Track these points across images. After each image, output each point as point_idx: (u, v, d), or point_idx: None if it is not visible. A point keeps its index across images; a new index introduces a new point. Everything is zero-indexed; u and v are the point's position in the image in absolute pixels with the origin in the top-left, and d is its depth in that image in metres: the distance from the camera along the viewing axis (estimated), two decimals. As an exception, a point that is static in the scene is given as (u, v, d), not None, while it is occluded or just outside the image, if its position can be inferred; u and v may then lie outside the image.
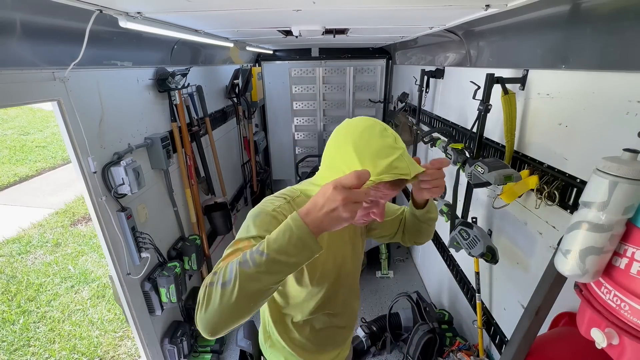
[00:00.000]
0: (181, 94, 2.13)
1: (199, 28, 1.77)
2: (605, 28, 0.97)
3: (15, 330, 2.70)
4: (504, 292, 1.62)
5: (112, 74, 1.56)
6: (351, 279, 1.01)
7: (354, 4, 1.21)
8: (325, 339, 1.03)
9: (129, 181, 1.51)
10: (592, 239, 0.64)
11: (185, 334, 2.05)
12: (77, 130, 1.33)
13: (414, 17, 1.53)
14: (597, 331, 0.68)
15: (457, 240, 1.56)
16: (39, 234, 4.13)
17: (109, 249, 1.52)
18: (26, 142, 7.40)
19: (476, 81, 1.54)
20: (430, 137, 2.20)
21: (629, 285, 0.62)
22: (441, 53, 2.38)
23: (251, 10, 1.28)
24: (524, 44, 1.40)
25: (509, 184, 1.25)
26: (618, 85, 0.94)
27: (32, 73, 1.14)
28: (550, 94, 1.23)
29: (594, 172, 0.65)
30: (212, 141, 2.67)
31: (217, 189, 2.73)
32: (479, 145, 1.58)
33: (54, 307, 2.95)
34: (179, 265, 1.89)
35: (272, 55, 4.03)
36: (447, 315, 2.17)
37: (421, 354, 1.93)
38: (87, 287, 3.20)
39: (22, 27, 1.05)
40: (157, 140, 1.80)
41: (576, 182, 1.09)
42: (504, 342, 1.58)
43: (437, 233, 2.52)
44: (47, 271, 3.44)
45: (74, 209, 4.81)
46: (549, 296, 0.86)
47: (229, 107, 3.23)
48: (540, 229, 1.30)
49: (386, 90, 4.14)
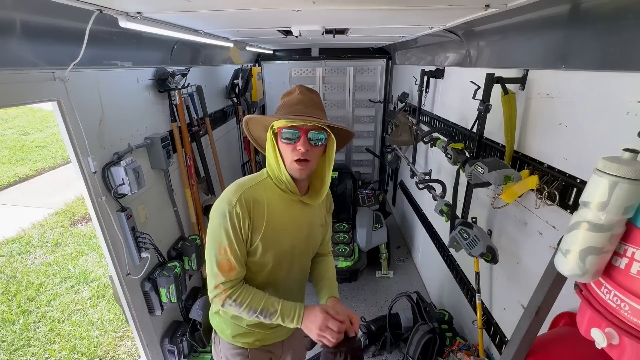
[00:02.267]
0: (181, 94, 2.13)
1: (199, 28, 1.77)
2: (605, 28, 0.97)
3: (15, 330, 2.70)
4: (504, 292, 1.62)
5: (112, 74, 1.56)
6: (304, 259, 1.13)
7: (354, 4, 1.21)
8: None
9: (129, 181, 1.51)
10: (592, 239, 0.64)
11: (185, 333, 2.05)
12: (77, 130, 1.33)
13: (414, 17, 1.53)
14: (597, 331, 0.68)
15: (457, 240, 1.56)
16: (39, 234, 4.13)
17: (109, 249, 1.52)
18: (26, 142, 7.41)
19: (476, 81, 1.54)
20: (430, 137, 2.20)
21: (629, 285, 0.62)
22: (441, 53, 2.38)
23: (251, 10, 1.28)
24: (524, 44, 1.40)
25: (509, 184, 1.25)
26: (618, 85, 0.94)
27: (32, 73, 1.14)
28: (550, 94, 1.23)
29: (594, 172, 0.65)
30: (212, 141, 2.67)
31: (217, 189, 2.73)
32: (479, 145, 1.58)
33: (54, 307, 2.95)
34: (179, 265, 1.89)
35: (272, 55, 4.03)
36: (447, 315, 2.17)
37: (421, 354, 1.93)
38: (87, 287, 3.20)
39: (22, 27, 1.05)
40: (157, 140, 1.80)
41: (576, 182, 1.09)
42: (504, 342, 1.58)
43: (437, 233, 2.52)
44: (47, 271, 3.44)
45: (74, 209, 4.81)
46: (549, 296, 0.86)
47: (229, 107, 3.23)
48: (540, 229, 1.30)
49: (386, 90, 4.14)
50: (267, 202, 0.97)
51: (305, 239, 1.08)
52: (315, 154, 0.97)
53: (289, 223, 1.02)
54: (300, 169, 0.95)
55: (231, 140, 3.33)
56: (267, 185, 1.00)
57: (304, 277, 1.18)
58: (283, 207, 1.00)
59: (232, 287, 0.96)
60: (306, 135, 0.93)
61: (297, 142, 0.93)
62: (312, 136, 0.94)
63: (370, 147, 4.36)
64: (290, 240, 1.03)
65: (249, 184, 0.97)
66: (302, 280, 1.18)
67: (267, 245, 0.98)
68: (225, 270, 0.94)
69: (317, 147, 0.96)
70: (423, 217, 2.88)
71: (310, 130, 0.93)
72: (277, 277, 1.05)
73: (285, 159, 0.96)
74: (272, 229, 0.97)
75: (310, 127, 0.93)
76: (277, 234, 0.99)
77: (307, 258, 1.15)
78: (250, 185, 0.97)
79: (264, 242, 0.97)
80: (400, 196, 3.79)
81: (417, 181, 2.31)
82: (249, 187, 0.96)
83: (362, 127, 4.38)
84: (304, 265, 1.14)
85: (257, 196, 0.96)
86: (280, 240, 1.00)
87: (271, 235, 0.98)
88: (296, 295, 1.16)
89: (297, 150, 0.93)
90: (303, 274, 1.16)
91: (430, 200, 2.32)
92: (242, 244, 0.96)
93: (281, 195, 1.00)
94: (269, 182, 1.01)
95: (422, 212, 2.90)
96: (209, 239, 0.96)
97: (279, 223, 0.99)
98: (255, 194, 0.96)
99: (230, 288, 0.95)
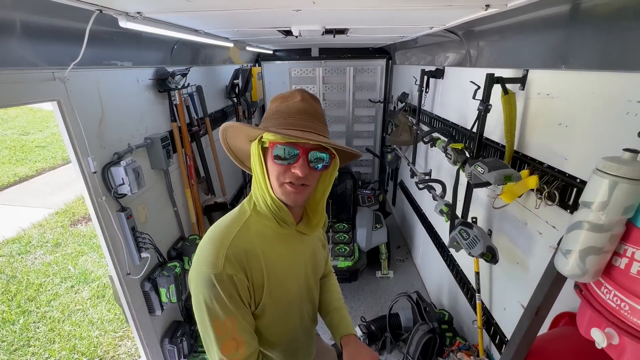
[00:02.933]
0: (181, 94, 2.13)
1: (199, 28, 1.77)
2: (605, 28, 0.97)
3: (15, 330, 2.70)
4: (504, 292, 1.62)
5: (112, 74, 1.56)
6: (313, 293, 0.98)
7: (354, 4, 1.21)
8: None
9: (129, 181, 1.51)
10: (592, 239, 0.64)
11: (185, 333, 2.05)
12: (77, 130, 1.33)
13: (414, 17, 1.53)
14: (597, 331, 0.68)
15: (457, 240, 1.55)
16: (39, 234, 4.13)
17: (109, 249, 1.52)
18: (26, 142, 7.40)
19: (476, 81, 1.54)
20: (430, 137, 2.20)
21: (629, 285, 0.62)
22: (441, 53, 2.38)
23: (251, 10, 1.28)
24: (524, 44, 1.40)
25: (509, 184, 1.25)
26: (618, 85, 0.94)
27: (32, 73, 1.14)
28: (550, 94, 1.23)
29: (594, 172, 0.65)
30: (212, 141, 2.67)
31: (217, 189, 2.73)
32: (479, 145, 1.58)
33: (54, 307, 2.95)
34: (179, 265, 1.89)
35: (272, 55, 4.03)
36: (447, 315, 2.17)
37: (421, 354, 1.93)
38: (87, 287, 3.20)
39: (22, 27, 1.05)
40: (157, 140, 1.80)
41: (576, 182, 1.08)
42: (504, 342, 1.58)
43: (437, 233, 2.52)
44: (47, 271, 3.43)
45: (74, 209, 4.81)
46: (549, 296, 0.86)
47: (229, 107, 3.23)
48: (540, 229, 1.30)
49: (386, 90, 4.14)
50: (261, 250, 0.77)
51: (312, 272, 0.94)
52: (314, 178, 0.78)
53: (291, 264, 0.84)
54: (295, 193, 0.75)
55: (231, 140, 3.33)
56: (253, 225, 0.79)
57: (315, 310, 1.03)
58: (280, 248, 0.81)
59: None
60: (306, 156, 0.74)
61: (294, 163, 0.73)
62: (313, 157, 0.75)
63: (370, 147, 4.37)
64: (297, 282, 0.87)
65: (232, 233, 0.75)
66: (314, 313, 1.03)
67: (275, 300, 0.80)
68: (232, 352, 0.73)
69: (317, 172, 0.77)
70: (423, 217, 2.88)
71: (312, 150, 0.74)
72: (289, 325, 0.90)
73: (272, 181, 0.76)
74: (275, 281, 0.79)
75: (313, 146, 0.74)
76: (281, 284, 0.81)
77: (316, 291, 1.01)
78: (234, 233, 0.75)
79: (270, 298, 0.79)
80: (400, 196, 3.79)
81: (417, 181, 2.31)
82: (233, 236, 0.74)
83: (362, 127, 4.38)
84: (313, 298, 0.99)
85: (247, 247, 0.75)
86: (288, 288, 0.83)
87: (276, 288, 0.79)
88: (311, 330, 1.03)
89: (292, 173, 0.73)
90: (314, 307, 1.02)
91: (430, 200, 2.32)
92: (247, 311, 0.77)
93: (275, 232, 0.81)
94: (254, 221, 0.79)
95: (422, 212, 2.90)
96: (199, 320, 0.74)
97: (282, 270, 0.81)
98: (244, 244, 0.75)
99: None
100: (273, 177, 0.76)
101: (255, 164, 0.77)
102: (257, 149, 0.76)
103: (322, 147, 0.76)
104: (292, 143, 0.73)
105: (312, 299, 0.98)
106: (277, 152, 0.73)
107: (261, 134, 0.76)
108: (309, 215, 0.89)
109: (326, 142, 0.74)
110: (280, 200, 0.77)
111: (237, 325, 0.73)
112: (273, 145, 0.73)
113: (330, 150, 0.78)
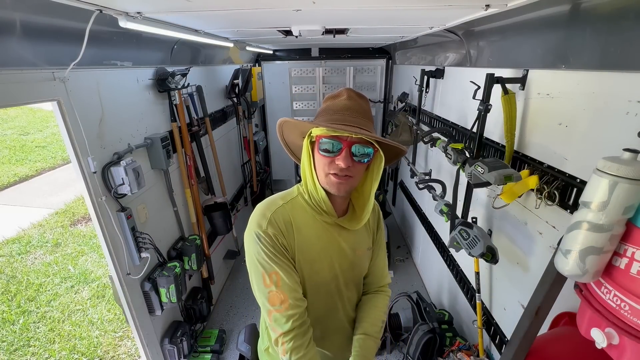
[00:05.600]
0: (181, 94, 2.13)
1: (199, 28, 1.77)
2: (605, 28, 0.97)
3: (15, 330, 2.70)
4: (504, 292, 1.62)
5: (112, 74, 1.56)
6: (351, 292, 0.99)
7: (354, 4, 1.21)
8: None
9: (129, 181, 1.51)
10: (592, 239, 0.64)
11: (185, 334, 2.05)
12: (77, 130, 1.32)
13: (414, 17, 1.53)
14: (597, 331, 0.68)
15: (457, 240, 1.56)
16: (38, 234, 4.13)
17: (108, 249, 1.52)
18: (26, 142, 7.41)
19: (476, 81, 1.54)
20: (430, 137, 2.20)
21: (629, 285, 0.62)
22: (441, 53, 2.38)
23: (251, 10, 1.28)
24: (524, 44, 1.40)
25: (509, 184, 1.25)
26: (618, 85, 0.94)
27: (32, 73, 1.14)
28: (550, 94, 1.23)
29: (594, 172, 0.65)
30: (212, 141, 2.67)
31: (217, 189, 2.73)
32: (479, 145, 1.58)
33: (54, 307, 2.95)
34: (179, 265, 1.89)
35: (272, 55, 4.03)
36: (447, 315, 2.17)
37: (421, 354, 1.93)
38: (87, 287, 3.20)
39: (22, 27, 1.05)
40: (157, 140, 1.80)
41: (576, 182, 1.08)
42: (504, 342, 1.58)
43: (437, 233, 2.52)
44: (47, 271, 3.44)
45: (74, 209, 4.81)
46: (549, 296, 0.87)
47: (229, 107, 3.23)
48: (540, 229, 1.30)
49: (386, 90, 4.14)
50: (296, 227, 0.86)
51: (349, 268, 0.95)
52: (358, 170, 0.83)
53: (324, 250, 0.89)
54: (338, 183, 0.82)
55: (231, 140, 3.33)
56: (297, 204, 0.89)
57: (349, 311, 1.02)
58: (316, 231, 0.88)
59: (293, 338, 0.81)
60: (349, 149, 0.79)
61: (338, 155, 0.80)
62: (356, 150, 0.80)
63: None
64: (329, 269, 0.90)
65: (277, 204, 0.86)
66: (348, 314, 1.02)
67: (300, 274, 0.87)
68: (276, 305, 0.81)
69: (361, 164, 0.83)
70: (423, 217, 2.88)
71: (355, 143, 0.80)
72: (318, 314, 0.93)
73: (318, 172, 0.84)
74: (303, 259, 0.86)
75: (356, 140, 0.79)
76: (311, 264, 0.87)
77: (352, 291, 1.01)
78: (279, 204, 0.86)
79: (301, 271, 0.87)
80: (400, 196, 3.79)
81: (417, 181, 2.31)
82: (278, 207, 0.86)
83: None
84: (351, 298, 1.01)
85: (286, 218, 0.85)
86: (317, 270, 0.89)
87: (305, 266, 0.87)
88: (345, 329, 1.03)
89: (336, 164, 0.80)
90: (347, 307, 1.01)
91: (430, 200, 2.32)
92: (289, 269, 0.83)
93: (314, 217, 0.88)
94: (299, 202, 0.89)
95: (422, 212, 2.90)
96: (251, 274, 0.85)
97: (313, 250, 0.87)
98: (285, 214, 0.85)
99: (290, 340, 0.81)
100: (319, 168, 0.84)
101: (304, 155, 0.87)
102: (307, 143, 0.85)
103: (366, 141, 0.81)
104: (336, 137, 0.79)
105: (349, 297, 0.99)
106: (322, 145, 0.81)
107: (311, 129, 0.85)
108: (355, 210, 0.95)
109: (367, 135, 0.79)
110: (325, 189, 0.85)
111: (281, 281, 0.81)
112: (319, 138, 0.81)
113: (374, 145, 0.82)
